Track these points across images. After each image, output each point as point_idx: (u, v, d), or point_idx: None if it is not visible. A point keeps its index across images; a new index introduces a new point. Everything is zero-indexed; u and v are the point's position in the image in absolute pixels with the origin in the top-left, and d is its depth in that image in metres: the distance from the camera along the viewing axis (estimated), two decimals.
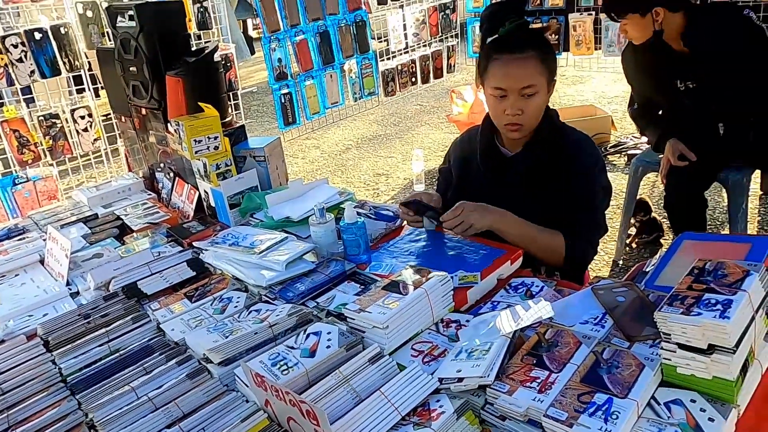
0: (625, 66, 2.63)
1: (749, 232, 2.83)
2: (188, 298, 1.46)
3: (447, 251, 1.52)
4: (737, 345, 0.88)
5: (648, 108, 2.64)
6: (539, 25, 1.63)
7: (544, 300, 1.22)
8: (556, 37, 4.08)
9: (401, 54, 4.30)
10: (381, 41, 4.35)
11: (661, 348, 0.95)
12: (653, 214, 3.09)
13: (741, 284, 0.94)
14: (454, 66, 4.70)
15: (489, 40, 1.57)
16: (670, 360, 0.94)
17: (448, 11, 4.53)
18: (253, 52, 8.41)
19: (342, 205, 1.79)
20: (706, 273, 1.01)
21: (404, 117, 5.97)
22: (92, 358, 1.27)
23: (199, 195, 1.98)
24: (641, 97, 2.65)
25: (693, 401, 0.91)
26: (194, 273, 1.58)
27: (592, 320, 1.12)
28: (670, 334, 0.93)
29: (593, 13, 3.92)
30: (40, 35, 2.59)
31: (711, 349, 0.90)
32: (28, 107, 2.73)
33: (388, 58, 4.22)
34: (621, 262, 2.95)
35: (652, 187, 3.72)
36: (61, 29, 2.64)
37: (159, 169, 2.22)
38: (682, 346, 0.92)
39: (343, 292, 1.39)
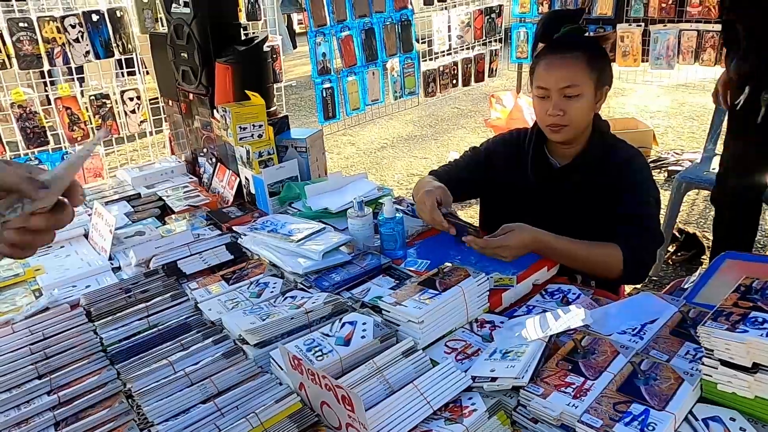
0: None
1: None
2: (225, 280, 1.49)
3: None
4: None
5: None
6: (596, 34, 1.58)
7: (582, 307, 1.21)
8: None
9: (444, 55, 4.30)
10: (422, 42, 4.36)
11: (702, 363, 0.93)
12: (693, 230, 3.03)
13: None
14: (495, 70, 4.68)
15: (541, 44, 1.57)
16: (710, 376, 0.92)
17: (493, 15, 4.52)
18: (295, 47, 8.51)
19: (380, 200, 1.80)
20: (754, 291, 0.99)
21: (441, 119, 5.96)
22: (132, 331, 1.31)
23: (240, 181, 2.02)
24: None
25: (732, 420, 0.89)
26: (232, 256, 1.61)
27: (630, 331, 1.11)
28: (712, 350, 0.91)
29: (642, 24, 3.85)
30: (97, 17, 2.67)
31: (755, 367, 0.88)
32: (80, 86, 2.82)
33: (431, 59, 4.23)
34: (657, 278, 2.90)
35: (692, 205, 3.64)
36: (117, 12, 2.71)
37: (202, 154, 2.26)
38: (724, 363, 0.91)
39: (377, 286, 1.40)
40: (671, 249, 3.03)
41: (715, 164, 2.81)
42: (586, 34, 1.59)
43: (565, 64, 1.48)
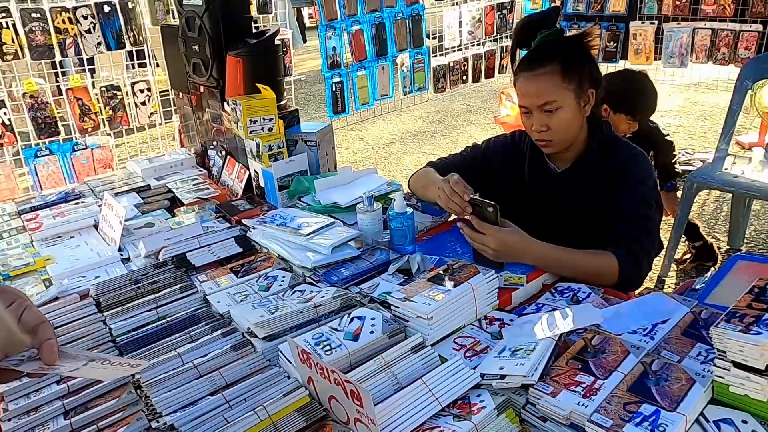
0: None
1: None
2: (234, 273, 1.49)
3: None
4: None
5: None
6: (576, 32, 1.51)
7: (592, 306, 1.20)
8: (614, 44, 3.99)
9: (454, 51, 4.28)
10: (433, 37, 4.33)
11: (714, 365, 0.92)
12: (709, 239, 2.98)
13: None
14: (506, 67, 4.65)
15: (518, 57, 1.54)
16: (723, 378, 0.91)
17: (505, 11, 4.49)
18: (305, 41, 8.50)
19: (390, 196, 1.80)
20: None
21: (450, 115, 5.94)
22: (141, 322, 1.31)
23: (249, 175, 2.02)
24: None
25: (744, 422, 0.89)
26: (241, 249, 1.61)
27: (642, 330, 1.10)
28: (725, 351, 0.90)
29: (656, 22, 3.82)
30: (109, 8, 2.68)
31: None
32: (92, 77, 2.83)
33: (441, 54, 4.21)
34: (667, 279, 2.88)
35: (703, 205, 3.61)
36: (129, 4, 2.72)
37: (212, 147, 2.26)
38: (737, 365, 0.90)
39: (386, 281, 1.39)
40: (685, 256, 3.00)
41: (727, 164, 2.79)
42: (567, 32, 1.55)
43: (539, 81, 1.45)
